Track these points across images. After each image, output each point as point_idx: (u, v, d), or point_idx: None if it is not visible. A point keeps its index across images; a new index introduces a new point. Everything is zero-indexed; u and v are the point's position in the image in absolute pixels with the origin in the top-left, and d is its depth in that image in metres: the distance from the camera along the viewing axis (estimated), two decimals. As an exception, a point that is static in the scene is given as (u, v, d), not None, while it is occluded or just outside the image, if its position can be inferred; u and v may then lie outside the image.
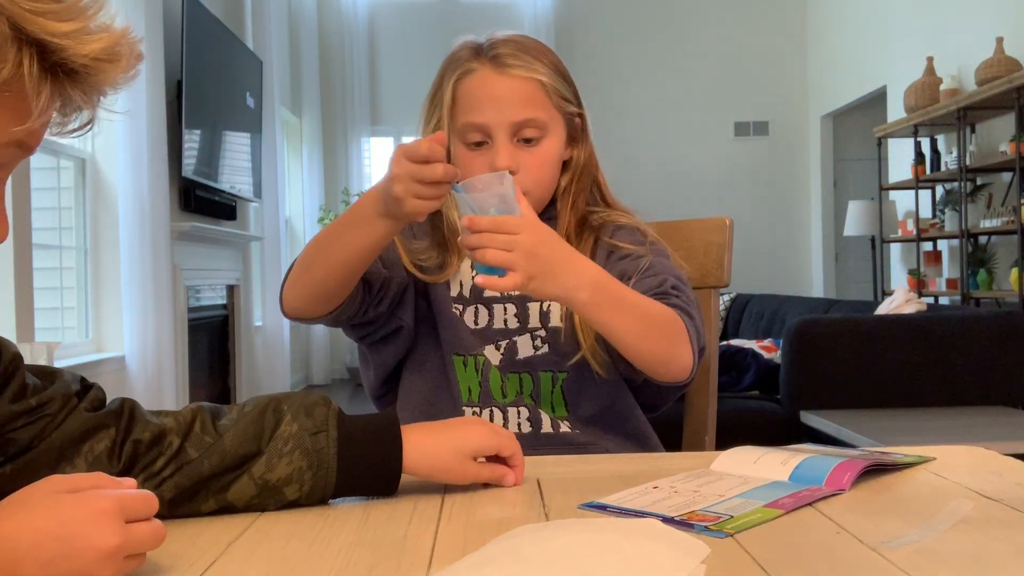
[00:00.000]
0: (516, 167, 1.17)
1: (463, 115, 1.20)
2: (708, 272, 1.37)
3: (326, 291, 1.14)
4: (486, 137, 1.20)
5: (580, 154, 1.27)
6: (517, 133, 1.19)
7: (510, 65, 1.19)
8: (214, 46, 5.07)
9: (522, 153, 1.20)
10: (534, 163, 1.20)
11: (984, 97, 4.94)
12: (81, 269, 4.15)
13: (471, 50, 1.23)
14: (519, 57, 1.20)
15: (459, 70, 1.22)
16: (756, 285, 6.65)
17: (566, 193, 1.26)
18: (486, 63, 1.20)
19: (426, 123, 1.26)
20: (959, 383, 3.46)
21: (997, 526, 0.71)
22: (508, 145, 1.19)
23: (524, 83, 1.19)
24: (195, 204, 4.90)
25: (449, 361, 1.23)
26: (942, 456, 0.94)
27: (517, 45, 1.22)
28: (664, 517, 0.73)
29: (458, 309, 1.23)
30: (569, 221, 1.25)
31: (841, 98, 7.62)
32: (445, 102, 1.22)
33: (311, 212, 7.69)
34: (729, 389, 3.98)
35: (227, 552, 0.69)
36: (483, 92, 1.20)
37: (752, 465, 0.88)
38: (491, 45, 1.22)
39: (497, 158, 1.18)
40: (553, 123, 1.22)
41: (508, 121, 1.18)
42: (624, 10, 8.12)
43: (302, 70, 7.58)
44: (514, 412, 1.21)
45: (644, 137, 7.95)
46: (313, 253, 1.15)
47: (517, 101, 1.19)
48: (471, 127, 1.20)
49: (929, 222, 6.02)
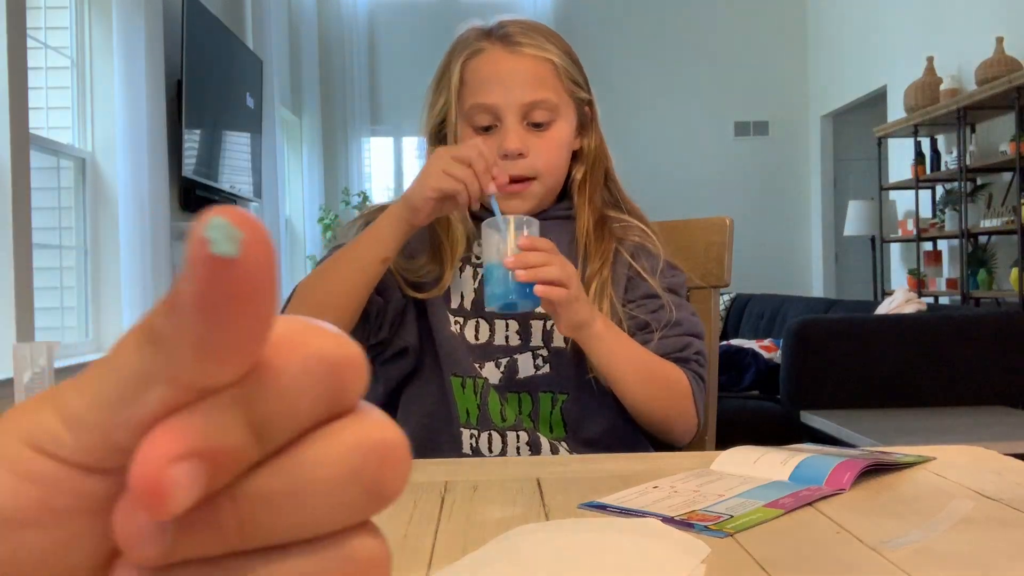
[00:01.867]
0: (526, 150, 1.14)
1: (471, 96, 1.15)
2: (708, 272, 1.37)
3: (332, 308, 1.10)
4: (495, 120, 1.15)
5: (591, 143, 1.23)
6: (527, 115, 1.15)
7: (521, 43, 1.15)
8: (214, 46, 5.07)
9: (532, 136, 1.15)
10: (545, 146, 1.16)
11: (984, 97, 4.94)
12: (81, 269, 4.15)
13: (480, 31, 1.19)
14: (530, 36, 1.16)
15: (467, 50, 1.17)
16: (756, 285, 6.65)
17: (582, 187, 1.22)
18: (496, 42, 1.16)
19: (431, 107, 1.21)
20: (959, 383, 3.46)
21: (997, 526, 0.71)
22: (518, 127, 1.14)
23: (535, 62, 1.15)
24: (195, 204, 4.90)
25: (447, 382, 1.18)
26: (942, 456, 0.94)
27: (527, 25, 1.18)
28: (664, 517, 0.73)
29: (458, 323, 1.18)
30: (588, 219, 1.20)
31: (841, 98, 7.62)
32: (452, 84, 1.17)
33: (311, 212, 7.69)
34: (729, 389, 3.98)
35: (227, 552, 0.69)
36: (492, 71, 1.15)
37: (752, 465, 0.88)
38: (500, 25, 1.18)
39: (506, 140, 1.14)
40: (564, 107, 1.17)
41: (518, 102, 1.14)
42: (624, 10, 8.12)
43: (302, 70, 7.58)
44: (513, 436, 1.17)
45: (644, 136, 7.95)
46: (315, 281, 1.13)
47: (528, 81, 1.14)
48: (479, 108, 1.15)
49: (929, 222, 6.02)
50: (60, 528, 0.19)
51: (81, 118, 4.14)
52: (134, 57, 4.04)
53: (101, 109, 4.15)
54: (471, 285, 1.19)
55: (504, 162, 1.14)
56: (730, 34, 8.16)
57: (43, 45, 3.95)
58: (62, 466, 0.18)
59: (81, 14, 4.12)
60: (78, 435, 0.18)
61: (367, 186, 8.20)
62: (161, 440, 0.17)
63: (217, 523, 0.18)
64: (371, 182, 8.31)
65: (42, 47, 3.94)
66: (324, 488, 0.19)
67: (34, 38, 3.74)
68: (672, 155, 8.09)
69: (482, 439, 1.17)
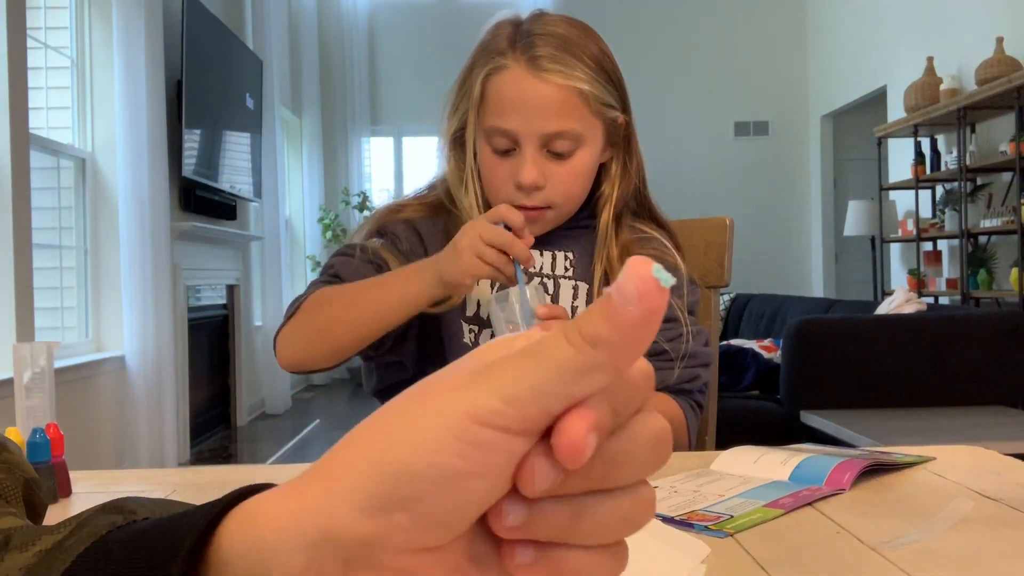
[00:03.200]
0: (544, 181, 1.10)
1: (490, 117, 1.10)
2: (708, 272, 1.37)
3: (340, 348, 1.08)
4: (513, 144, 1.10)
5: (622, 161, 1.18)
6: (548, 144, 1.09)
7: (547, 69, 1.07)
8: (214, 46, 5.07)
9: (551, 165, 1.10)
10: (564, 176, 1.11)
11: (984, 97, 4.94)
12: (81, 269, 4.15)
13: (507, 38, 1.10)
14: (559, 59, 1.07)
15: (490, 64, 1.10)
16: (756, 285, 6.65)
17: (608, 204, 1.17)
18: (521, 61, 1.08)
19: (453, 110, 1.16)
20: (959, 383, 3.45)
21: (997, 526, 0.71)
22: (537, 156, 1.09)
23: (560, 91, 1.07)
24: (195, 204, 4.90)
25: None
26: (942, 456, 0.94)
27: (559, 42, 1.08)
28: (664, 517, 0.73)
29: (472, 331, 1.16)
30: (611, 241, 1.16)
31: (841, 98, 7.62)
32: (473, 97, 1.12)
33: (311, 212, 7.69)
34: (729, 389, 3.98)
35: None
36: (514, 94, 1.08)
37: (752, 465, 0.88)
38: (529, 40, 1.09)
39: (523, 172, 1.09)
40: (590, 132, 1.11)
41: (539, 132, 1.08)
42: (624, 10, 8.12)
43: (302, 70, 7.58)
44: None
45: (644, 137, 7.75)
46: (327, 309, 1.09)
47: (551, 111, 1.08)
48: (498, 132, 1.10)
49: (929, 222, 6.02)
50: (493, 478, 0.26)
51: (81, 118, 4.14)
52: (134, 57, 4.04)
53: (101, 109, 4.15)
54: (487, 293, 1.16)
55: (519, 191, 1.11)
56: (730, 34, 8.16)
57: (43, 45, 3.95)
58: (502, 434, 0.26)
59: (81, 14, 4.12)
60: (519, 410, 0.26)
61: (367, 186, 8.20)
62: (581, 417, 0.26)
63: (588, 471, 0.27)
64: (371, 182, 8.31)
65: (42, 47, 3.94)
66: (639, 453, 0.28)
67: (34, 38, 3.74)
68: (672, 155, 8.09)
69: None
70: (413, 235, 1.19)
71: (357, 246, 1.17)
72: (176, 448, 4.37)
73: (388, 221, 1.21)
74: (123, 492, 0.88)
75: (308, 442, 5.26)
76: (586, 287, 1.18)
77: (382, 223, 1.21)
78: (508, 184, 1.11)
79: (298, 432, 5.60)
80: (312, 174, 7.73)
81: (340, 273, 1.14)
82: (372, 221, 1.23)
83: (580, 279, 1.18)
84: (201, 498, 0.33)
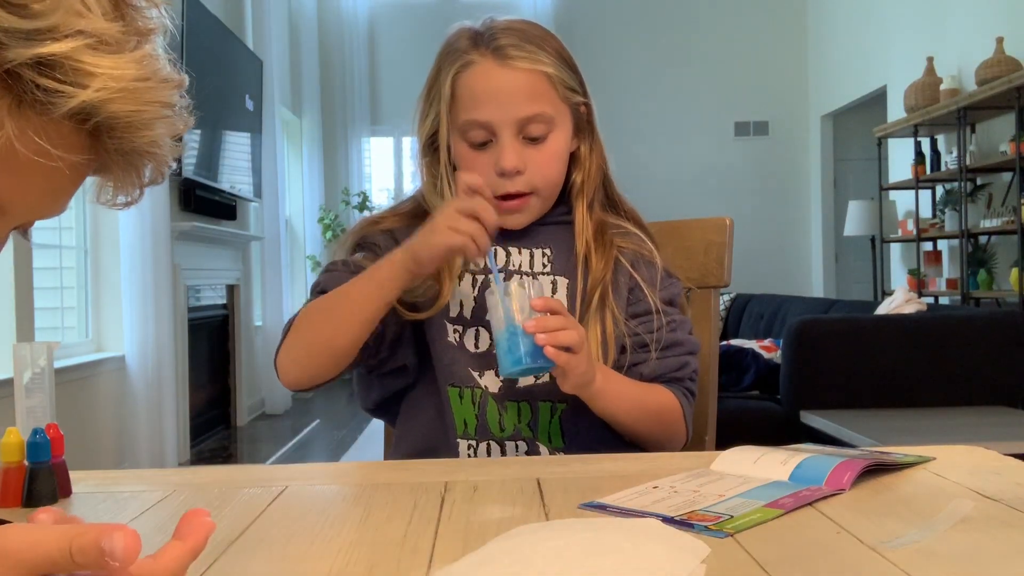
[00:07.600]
0: (523, 166, 1.13)
1: (464, 112, 1.14)
2: (708, 272, 1.37)
3: (338, 353, 1.11)
4: (490, 135, 1.13)
5: (588, 147, 1.21)
6: (523, 130, 1.13)
7: (513, 57, 1.12)
8: (214, 46, 5.07)
9: (529, 150, 1.14)
10: (542, 160, 1.15)
11: (984, 97, 4.94)
12: (81, 269, 4.15)
13: (469, 39, 1.15)
14: (522, 47, 1.13)
15: (458, 62, 1.14)
16: (756, 285, 6.65)
17: (581, 193, 1.20)
18: (487, 54, 1.13)
19: (423, 118, 1.19)
20: (959, 383, 3.46)
21: (997, 526, 0.71)
22: (514, 143, 1.13)
23: (528, 76, 1.12)
24: (195, 204, 4.90)
25: (444, 393, 1.16)
26: (942, 456, 0.94)
27: (519, 34, 1.14)
28: (664, 517, 0.73)
29: (457, 331, 1.17)
30: (588, 227, 1.19)
31: (841, 98, 7.62)
32: (444, 97, 1.15)
33: (311, 212, 7.69)
34: (729, 389, 3.98)
35: (227, 552, 0.69)
36: (485, 87, 1.12)
37: (752, 465, 0.88)
38: (491, 35, 1.14)
39: (503, 159, 1.12)
40: (560, 116, 1.15)
41: (513, 117, 1.12)
42: (624, 10, 8.12)
43: (302, 70, 7.58)
44: (512, 446, 1.15)
45: (644, 137, 7.95)
46: (316, 320, 1.12)
47: (522, 96, 1.12)
48: (473, 125, 1.13)
49: (929, 222, 6.02)
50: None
51: (81, 118, 4.14)
52: (134, 57, 4.04)
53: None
54: (470, 294, 1.18)
55: (501, 179, 1.14)
56: (730, 34, 8.16)
57: (43, 45, 3.94)
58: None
59: (81, 14, 4.12)
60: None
61: (367, 186, 8.20)
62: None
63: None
64: (371, 182, 8.31)
65: (42, 47, 3.93)
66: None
67: (34, 38, 3.73)
68: (672, 155, 8.09)
69: (480, 449, 1.16)
70: (392, 243, 1.20)
71: (339, 261, 1.20)
72: (176, 448, 4.37)
73: (367, 233, 1.24)
74: (123, 492, 0.88)
75: (308, 442, 5.27)
76: (565, 282, 1.20)
77: (361, 235, 1.24)
78: (489, 175, 1.13)
79: (298, 432, 5.60)
80: (312, 174, 7.73)
81: (328, 289, 1.16)
82: (351, 236, 1.25)
83: (559, 274, 1.20)
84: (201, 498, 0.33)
